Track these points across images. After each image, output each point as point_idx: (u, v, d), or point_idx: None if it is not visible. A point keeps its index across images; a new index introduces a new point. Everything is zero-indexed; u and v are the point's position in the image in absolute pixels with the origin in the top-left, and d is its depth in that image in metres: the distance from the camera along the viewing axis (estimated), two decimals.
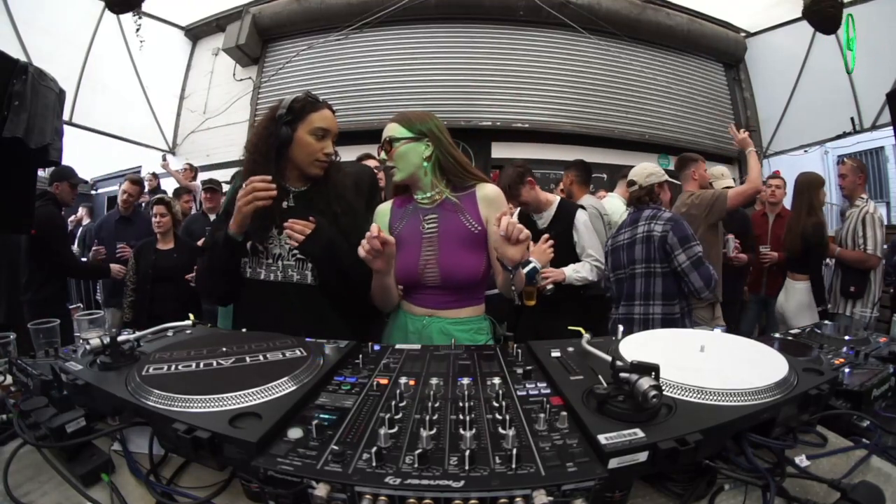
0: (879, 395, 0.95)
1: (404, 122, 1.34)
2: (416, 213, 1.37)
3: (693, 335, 0.97)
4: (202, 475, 0.68)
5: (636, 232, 2.23)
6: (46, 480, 0.67)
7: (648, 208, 2.27)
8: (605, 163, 5.60)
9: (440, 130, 1.34)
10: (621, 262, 2.30)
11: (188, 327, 1.03)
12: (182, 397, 0.66)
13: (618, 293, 2.35)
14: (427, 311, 1.34)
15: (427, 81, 5.37)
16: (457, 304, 1.34)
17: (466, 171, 1.36)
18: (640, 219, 2.26)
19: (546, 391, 0.74)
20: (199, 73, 6.41)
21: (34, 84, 2.18)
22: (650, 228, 2.18)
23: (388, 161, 1.34)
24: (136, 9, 4.47)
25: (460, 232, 1.31)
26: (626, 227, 2.32)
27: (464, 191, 1.35)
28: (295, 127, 1.29)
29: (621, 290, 2.31)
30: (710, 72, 6.20)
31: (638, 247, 2.21)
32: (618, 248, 2.33)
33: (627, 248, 2.27)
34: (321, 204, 1.34)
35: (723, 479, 0.64)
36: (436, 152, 1.32)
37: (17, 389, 0.94)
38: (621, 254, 2.30)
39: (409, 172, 1.33)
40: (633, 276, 2.24)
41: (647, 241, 2.18)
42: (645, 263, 2.19)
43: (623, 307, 2.28)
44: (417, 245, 1.33)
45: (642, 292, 2.22)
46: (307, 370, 0.78)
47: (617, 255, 2.33)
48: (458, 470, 0.53)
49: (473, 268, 1.31)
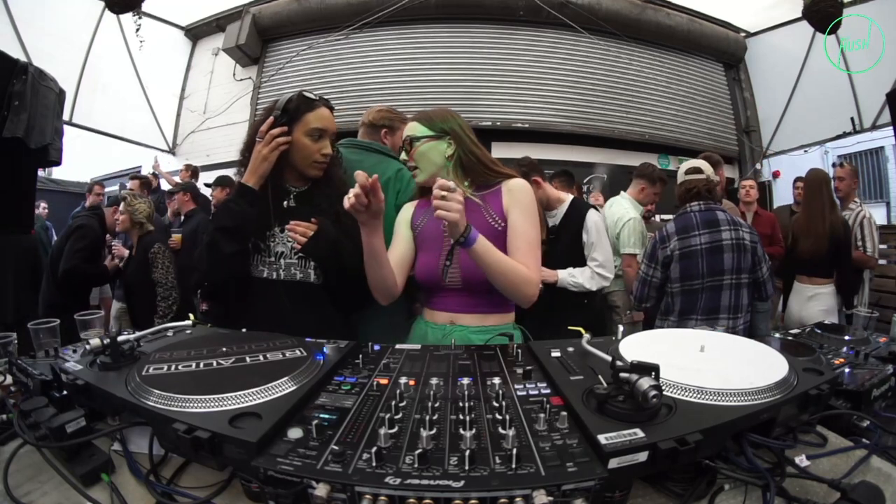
0: (879, 395, 0.95)
1: (425, 121, 1.29)
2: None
3: (693, 335, 0.97)
4: (202, 475, 0.68)
5: (720, 237, 1.96)
6: (46, 480, 0.67)
7: (719, 210, 2.03)
8: (605, 163, 5.61)
9: (462, 128, 1.29)
10: (699, 272, 1.99)
11: (188, 327, 1.03)
12: (182, 397, 0.66)
13: (688, 306, 2.04)
14: (449, 315, 1.27)
15: (427, 81, 5.37)
16: (481, 308, 1.26)
17: (490, 170, 1.29)
18: (717, 221, 1.98)
19: (546, 391, 0.74)
20: (199, 73, 6.40)
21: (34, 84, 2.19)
22: (740, 236, 1.96)
23: (409, 161, 1.30)
24: (136, 9, 4.47)
25: (483, 229, 1.20)
26: (700, 229, 2.00)
27: (489, 188, 1.29)
28: (290, 129, 1.26)
29: (695, 302, 2.02)
30: (710, 72, 6.20)
31: (727, 255, 1.95)
32: (693, 253, 1.99)
33: (708, 254, 1.96)
34: (323, 203, 1.32)
35: (723, 479, 0.64)
36: (458, 151, 1.27)
37: (17, 389, 0.94)
38: (699, 261, 1.98)
39: (431, 172, 1.27)
40: (719, 288, 1.99)
41: (738, 249, 1.95)
42: (735, 274, 1.97)
43: (701, 322, 1.98)
44: (438, 244, 1.27)
45: (731, 305, 1.99)
46: (307, 370, 0.78)
47: (693, 262, 2.00)
48: (458, 470, 0.53)
49: None
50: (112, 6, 4.32)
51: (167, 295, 2.69)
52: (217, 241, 1.23)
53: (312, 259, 1.30)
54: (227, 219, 1.25)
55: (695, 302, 2.02)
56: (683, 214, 2.09)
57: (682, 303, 2.06)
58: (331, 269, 1.29)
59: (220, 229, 1.24)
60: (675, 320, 2.07)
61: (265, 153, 1.23)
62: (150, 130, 6.15)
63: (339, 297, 1.33)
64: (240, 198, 1.24)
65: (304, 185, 1.36)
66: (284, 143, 1.24)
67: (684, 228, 2.04)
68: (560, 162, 5.29)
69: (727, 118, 6.21)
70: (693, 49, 5.99)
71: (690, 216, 2.05)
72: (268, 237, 1.31)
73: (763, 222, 3.34)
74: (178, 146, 6.43)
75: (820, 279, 2.77)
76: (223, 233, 1.23)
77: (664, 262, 2.07)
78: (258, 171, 1.24)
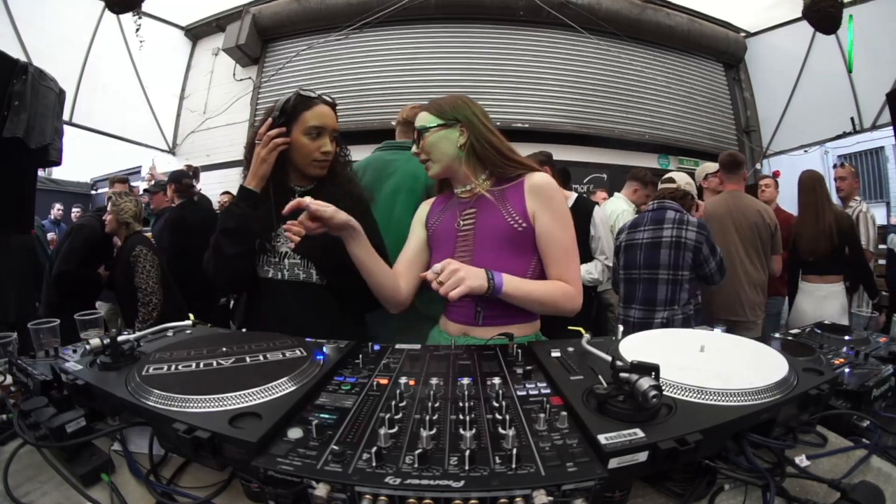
0: (879, 395, 0.95)
1: (434, 110, 1.20)
2: (453, 209, 1.23)
3: (693, 335, 0.97)
4: (202, 475, 0.68)
5: (661, 234, 2.13)
6: (46, 480, 0.67)
7: (671, 209, 2.17)
8: (605, 163, 5.61)
9: (476, 115, 1.19)
10: (636, 262, 2.20)
11: (188, 327, 1.03)
12: (182, 397, 0.66)
13: (629, 294, 2.26)
14: (461, 328, 1.16)
15: (427, 81, 5.37)
16: (498, 319, 1.12)
17: (506, 160, 1.17)
18: (664, 220, 2.15)
19: (546, 391, 0.74)
20: (199, 73, 6.41)
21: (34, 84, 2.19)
22: (680, 234, 2.10)
23: (421, 154, 1.21)
24: (136, 9, 4.47)
25: (500, 229, 1.14)
26: (647, 225, 2.20)
27: (509, 182, 1.17)
28: (289, 128, 1.25)
29: (633, 290, 2.23)
30: (710, 72, 6.20)
31: (664, 251, 2.12)
32: (634, 246, 2.21)
33: (647, 248, 2.16)
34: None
35: (723, 479, 0.64)
36: (471, 139, 1.16)
37: (17, 389, 0.94)
38: (638, 253, 2.19)
39: (444, 164, 1.18)
40: (655, 281, 2.15)
41: (675, 246, 2.10)
42: (672, 270, 2.12)
43: (640, 311, 2.20)
44: (451, 244, 1.19)
45: (666, 299, 2.14)
46: (307, 370, 0.78)
47: (632, 254, 2.22)
48: (458, 470, 0.53)
49: (514, 272, 1.09)
50: (112, 6, 4.32)
51: (147, 301, 2.56)
52: (220, 243, 1.25)
53: (308, 259, 1.29)
54: (229, 221, 1.27)
55: (634, 291, 2.24)
56: (643, 212, 2.32)
57: (625, 290, 2.29)
58: (328, 269, 1.28)
59: (222, 231, 1.26)
60: (622, 306, 2.33)
61: (263, 155, 1.23)
62: (150, 130, 6.15)
63: (343, 298, 1.32)
64: (241, 200, 1.26)
65: (308, 184, 1.35)
66: (282, 143, 1.24)
67: (634, 224, 2.28)
68: (560, 162, 5.28)
69: (727, 118, 6.21)
70: (693, 49, 5.99)
71: (644, 214, 2.29)
72: (273, 237, 1.31)
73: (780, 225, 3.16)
74: (178, 146, 6.44)
75: (832, 277, 2.75)
76: (225, 235, 1.25)
77: (615, 251, 2.35)
78: (258, 173, 1.25)
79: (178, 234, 3.36)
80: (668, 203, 2.22)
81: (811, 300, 2.80)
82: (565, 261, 1.13)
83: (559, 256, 1.12)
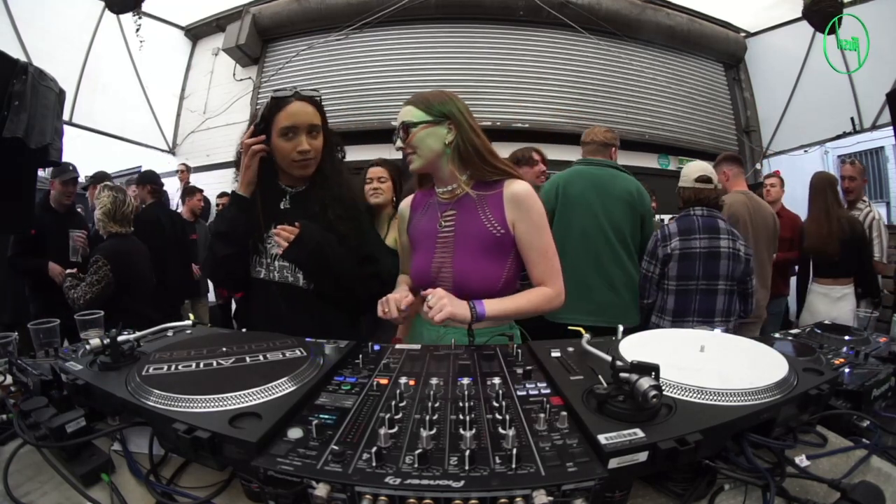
0: (879, 395, 0.95)
1: (422, 104, 1.18)
2: (434, 209, 1.25)
3: (693, 335, 0.97)
4: (202, 475, 0.68)
5: (719, 245, 2.06)
6: (46, 480, 0.68)
7: (720, 218, 2.13)
8: None
9: (463, 113, 1.18)
10: (695, 273, 2.08)
11: (188, 327, 1.03)
12: (182, 397, 0.66)
13: (682, 306, 2.12)
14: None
15: (427, 81, 5.36)
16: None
17: (488, 164, 1.18)
18: (718, 229, 2.08)
19: (546, 391, 0.74)
20: (199, 73, 6.40)
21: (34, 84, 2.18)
22: (736, 246, 2.08)
23: (406, 148, 1.19)
24: (136, 9, 4.47)
25: (479, 233, 1.17)
26: (701, 233, 2.08)
27: (489, 187, 1.19)
28: (268, 133, 1.27)
29: (689, 303, 2.11)
30: (710, 72, 6.19)
31: (723, 262, 2.07)
32: (692, 255, 2.08)
33: (706, 258, 2.07)
34: (315, 206, 1.32)
35: (723, 479, 0.64)
36: (458, 138, 1.17)
37: (17, 389, 0.94)
38: (696, 263, 2.08)
39: (428, 159, 1.18)
40: (714, 292, 2.09)
41: (733, 258, 2.07)
42: (728, 281, 2.09)
43: (698, 323, 2.09)
44: (432, 245, 1.22)
45: (724, 309, 2.10)
46: (307, 370, 0.78)
47: (690, 264, 2.09)
48: (458, 470, 0.53)
49: (490, 276, 1.17)
50: (112, 6, 4.32)
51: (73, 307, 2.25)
52: (213, 244, 1.32)
53: (294, 264, 1.30)
54: (220, 224, 1.36)
55: (690, 303, 2.12)
56: (686, 217, 2.16)
57: (677, 302, 2.14)
58: (315, 273, 1.29)
59: (215, 234, 1.33)
60: (671, 320, 2.15)
61: (246, 162, 1.27)
62: (150, 130, 6.14)
63: (332, 301, 1.33)
64: (231, 204, 1.31)
65: (301, 185, 1.36)
66: (260, 150, 1.26)
67: (687, 230, 2.11)
68: (560, 162, 5.27)
69: (727, 118, 6.20)
70: (693, 49, 5.99)
71: (693, 219, 2.13)
72: (265, 239, 1.33)
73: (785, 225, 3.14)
74: (178, 146, 6.43)
75: (844, 279, 2.75)
76: (217, 237, 1.31)
77: (664, 259, 2.15)
78: (244, 180, 1.29)
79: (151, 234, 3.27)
80: (716, 212, 2.15)
81: (825, 301, 2.79)
82: (544, 263, 1.19)
83: (539, 260, 1.18)
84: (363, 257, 1.35)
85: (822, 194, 2.79)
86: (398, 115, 1.22)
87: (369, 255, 1.37)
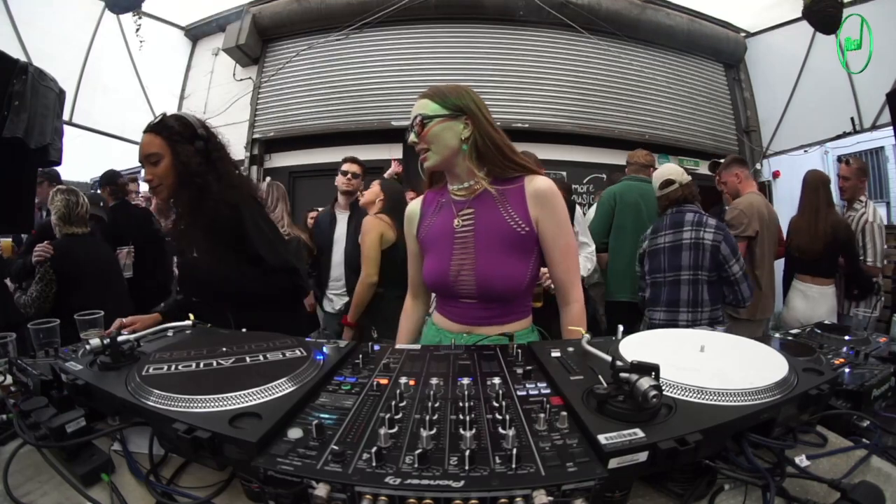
0: (879, 395, 0.95)
1: (438, 97, 1.13)
2: (448, 208, 1.19)
3: (693, 335, 0.97)
4: (202, 475, 0.68)
5: (681, 237, 2.20)
6: (46, 480, 0.67)
7: (690, 211, 2.23)
8: (605, 163, 5.60)
9: (479, 107, 1.14)
10: (661, 266, 2.26)
11: (188, 327, 1.03)
12: (182, 397, 0.66)
13: (654, 297, 2.32)
14: (465, 327, 1.16)
15: (427, 81, 5.35)
16: (500, 318, 1.15)
17: (507, 159, 1.14)
18: (683, 223, 2.21)
19: (546, 391, 0.74)
20: (199, 73, 6.40)
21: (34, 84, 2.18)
22: (699, 236, 2.15)
23: (420, 144, 1.14)
24: (136, 9, 4.47)
25: (502, 230, 1.12)
26: (667, 229, 2.26)
27: (508, 183, 1.14)
28: None
29: (659, 294, 2.28)
30: (710, 72, 6.19)
31: (685, 253, 2.18)
32: (658, 251, 2.29)
33: (670, 252, 2.23)
34: (181, 243, 1.41)
35: (723, 479, 0.64)
36: (475, 133, 1.12)
37: (17, 389, 0.94)
38: (662, 258, 2.26)
39: (444, 156, 1.13)
40: (678, 283, 2.21)
41: (695, 248, 2.16)
42: (692, 270, 2.17)
43: (665, 313, 2.26)
44: (449, 245, 1.15)
45: (689, 299, 2.19)
46: (307, 370, 0.78)
47: (657, 259, 2.29)
48: (458, 470, 0.53)
49: (516, 277, 1.12)
50: (112, 6, 4.32)
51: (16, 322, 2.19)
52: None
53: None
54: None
55: (659, 294, 2.30)
56: (660, 218, 2.38)
57: (652, 294, 2.35)
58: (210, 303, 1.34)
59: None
60: (650, 311, 2.38)
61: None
62: None
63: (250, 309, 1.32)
64: None
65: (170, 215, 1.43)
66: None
67: (655, 230, 2.36)
68: (560, 162, 5.28)
69: (727, 118, 6.20)
70: (693, 49, 5.98)
71: (663, 218, 2.35)
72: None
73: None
74: None
75: (823, 279, 2.77)
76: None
77: (640, 258, 2.43)
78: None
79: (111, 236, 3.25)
80: (687, 206, 2.26)
81: (803, 299, 2.82)
82: (567, 262, 1.16)
83: (562, 259, 1.15)
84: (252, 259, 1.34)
85: (813, 193, 2.79)
86: (413, 108, 1.17)
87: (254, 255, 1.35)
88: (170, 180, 1.30)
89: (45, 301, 2.36)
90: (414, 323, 1.37)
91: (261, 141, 5.74)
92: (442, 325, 1.21)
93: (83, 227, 2.57)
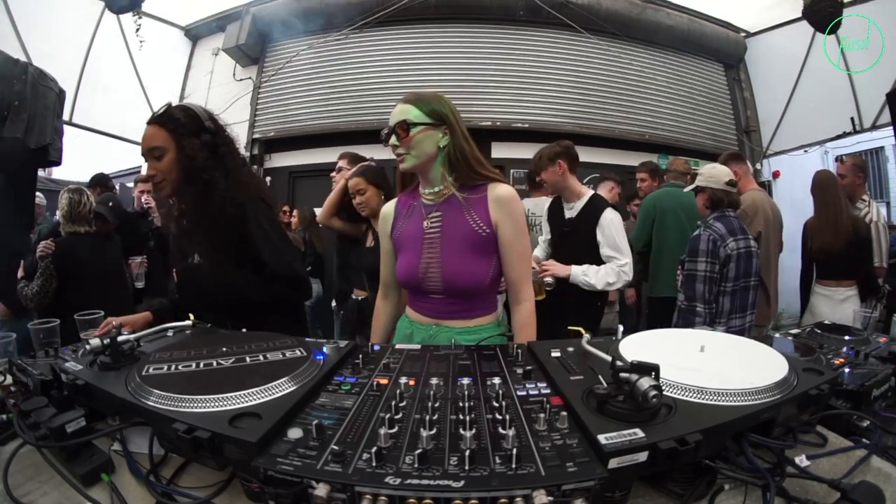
0: (879, 395, 0.95)
1: (420, 103, 1.19)
2: (419, 211, 1.28)
3: (693, 335, 0.97)
4: (202, 475, 0.68)
5: (749, 244, 2.19)
6: (46, 480, 0.67)
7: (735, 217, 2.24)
8: (606, 163, 5.59)
9: (454, 116, 1.21)
10: (740, 273, 2.19)
11: (188, 327, 1.03)
12: (182, 397, 0.66)
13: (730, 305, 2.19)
14: (433, 320, 1.27)
15: (427, 81, 5.36)
16: (465, 313, 1.25)
17: (474, 171, 1.22)
18: (744, 229, 2.23)
19: (546, 391, 0.74)
20: (199, 73, 6.39)
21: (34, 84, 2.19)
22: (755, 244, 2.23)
23: (400, 147, 1.19)
24: (136, 9, 4.47)
25: (465, 233, 1.21)
26: (738, 234, 2.17)
27: (473, 190, 1.23)
28: None
29: (733, 301, 2.19)
30: (710, 72, 6.18)
31: (755, 260, 2.22)
32: (740, 255, 2.18)
33: (745, 257, 2.18)
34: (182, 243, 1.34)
35: (723, 479, 0.64)
36: (450, 144, 1.20)
37: (17, 389, 0.94)
38: (741, 263, 2.19)
39: (421, 161, 1.21)
40: (748, 289, 2.23)
41: (757, 255, 2.23)
42: (756, 277, 2.24)
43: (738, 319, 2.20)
44: (419, 245, 1.25)
45: (752, 303, 2.25)
46: (307, 370, 0.78)
47: (740, 264, 2.18)
48: (458, 470, 0.53)
49: (478, 274, 1.22)
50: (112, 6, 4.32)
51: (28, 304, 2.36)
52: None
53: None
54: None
55: (734, 300, 2.20)
56: (725, 218, 2.21)
57: (730, 302, 2.18)
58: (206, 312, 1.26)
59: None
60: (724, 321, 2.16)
61: None
62: None
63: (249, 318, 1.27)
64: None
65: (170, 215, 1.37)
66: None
67: (732, 231, 2.16)
68: None
69: (727, 118, 6.20)
70: (693, 49, 5.98)
71: (732, 220, 2.20)
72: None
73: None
74: None
75: (847, 281, 2.67)
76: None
77: (724, 260, 2.14)
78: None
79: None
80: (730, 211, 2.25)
81: (829, 303, 2.71)
82: (521, 265, 1.26)
83: (517, 262, 1.25)
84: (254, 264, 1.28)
85: (830, 190, 2.66)
86: (394, 112, 1.20)
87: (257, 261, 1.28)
88: (174, 176, 1.22)
89: (45, 296, 2.42)
90: (385, 322, 1.45)
91: (261, 141, 5.74)
92: (413, 318, 1.32)
93: (86, 225, 2.62)
